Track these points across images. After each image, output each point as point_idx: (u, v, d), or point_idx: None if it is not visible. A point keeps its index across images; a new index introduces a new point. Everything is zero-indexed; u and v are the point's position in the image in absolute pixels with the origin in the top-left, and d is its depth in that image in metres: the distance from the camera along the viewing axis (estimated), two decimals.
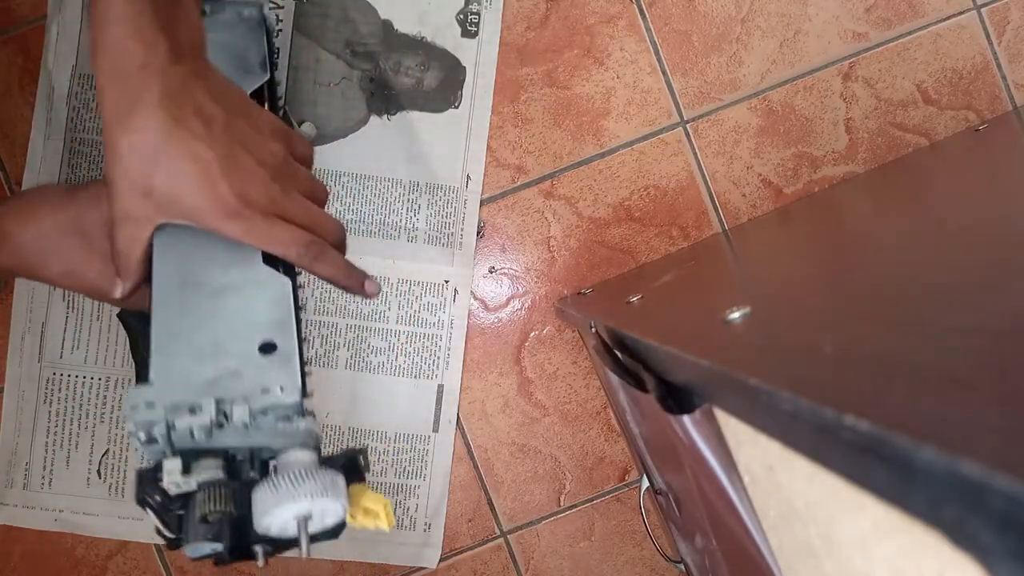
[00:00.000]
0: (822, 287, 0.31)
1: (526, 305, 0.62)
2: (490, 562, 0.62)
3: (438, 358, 0.61)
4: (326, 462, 0.36)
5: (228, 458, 0.35)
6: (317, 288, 0.59)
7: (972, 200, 0.36)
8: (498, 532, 0.62)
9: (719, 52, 0.62)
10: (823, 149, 0.62)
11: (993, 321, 0.18)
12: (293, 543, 0.37)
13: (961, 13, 0.62)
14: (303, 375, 0.37)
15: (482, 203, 0.61)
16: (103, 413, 0.59)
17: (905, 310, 0.22)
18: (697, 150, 0.62)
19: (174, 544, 0.36)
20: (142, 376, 0.37)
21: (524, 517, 0.62)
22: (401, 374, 0.60)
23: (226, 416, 0.35)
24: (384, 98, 0.60)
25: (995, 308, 0.19)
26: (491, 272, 0.62)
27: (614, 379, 0.47)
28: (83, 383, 0.59)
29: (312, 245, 0.39)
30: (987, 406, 0.13)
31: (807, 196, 0.62)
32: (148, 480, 0.34)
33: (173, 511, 0.35)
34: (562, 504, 0.62)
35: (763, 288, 0.36)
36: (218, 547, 0.35)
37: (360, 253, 0.59)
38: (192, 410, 0.34)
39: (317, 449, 0.37)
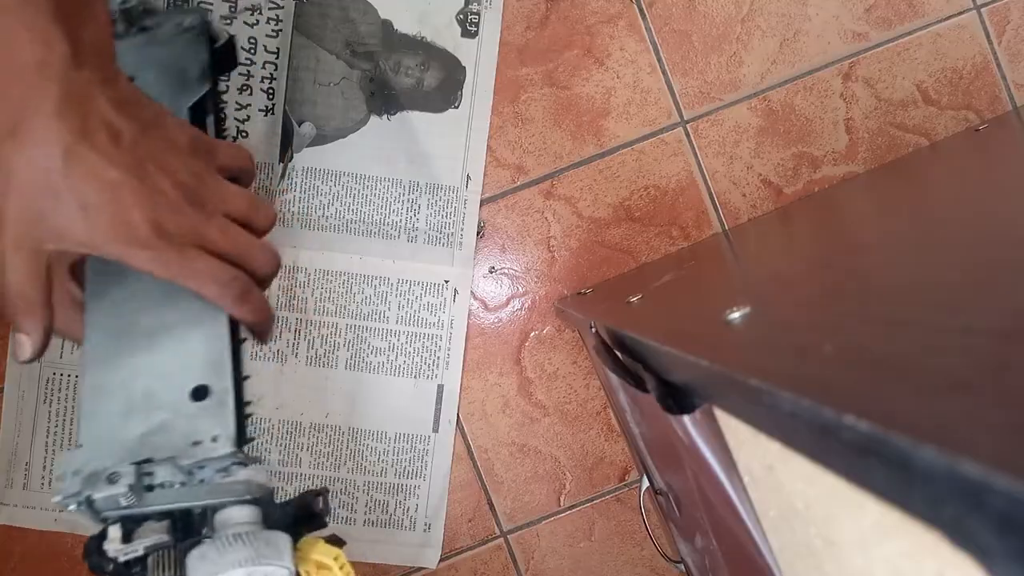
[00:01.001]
0: (822, 287, 0.31)
1: (526, 305, 0.62)
2: (490, 562, 0.62)
3: (438, 358, 0.61)
4: (279, 509, 0.33)
5: (178, 516, 0.32)
6: (317, 288, 0.59)
7: (972, 200, 0.36)
8: (498, 532, 0.62)
9: (719, 52, 0.62)
10: (823, 149, 0.62)
11: (993, 321, 0.18)
12: None
13: (961, 13, 0.62)
14: (241, 419, 0.34)
15: (482, 203, 0.61)
16: None
17: (905, 310, 0.22)
18: (697, 150, 0.62)
19: None
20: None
21: (524, 517, 0.62)
22: (401, 374, 0.60)
23: (150, 478, 0.32)
24: (384, 98, 0.60)
25: (995, 308, 0.19)
26: (491, 272, 0.62)
27: (614, 379, 0.47)
28: None
29: (234, 283, 0.33)
30: (987, 406, 0.13)
31: (807, 196, 0.62)
32: (94, 550, 0.31)
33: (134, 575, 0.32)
34: (562, 504, 0.62)
35: (763, 288, 0.36)
36: None
37: (360, 253, 0.59)
38: (111, 479, 0.32)
39: (266, 500, 0.33)
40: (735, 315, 0.27)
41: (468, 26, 0.61)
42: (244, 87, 0.59)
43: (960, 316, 0.19)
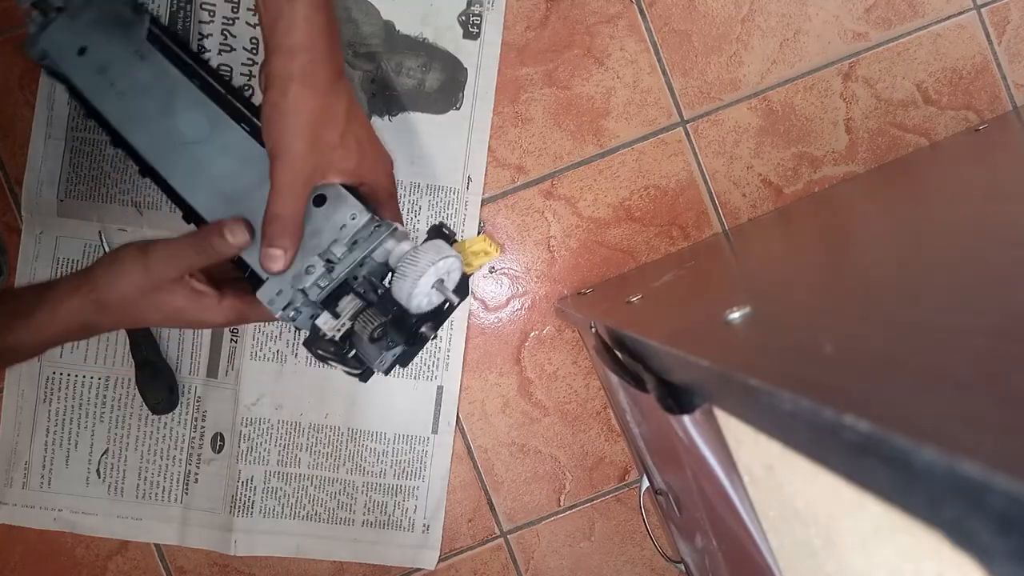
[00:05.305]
0: (822, 287, 0.31)
1: (526, 305, 0.62)
2: (490, 562, 0.62)
3: (438, 360, 0.61)
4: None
5: (360, 293, 0.42)
6: None
7: (972, 200, 0.36)
8: (498, 532, 0.62)
9: (719, 52, 0.62)
10: (823, 149, 0.62)
11: (993, 321, 0.18)
12: (442, 312, 0.44)
13: (961, 13, 0.62)
14: (361, 199, 0.44)
15: (482, 203, 0.61)
16: (102, 412, 0.59)
17: (905, 310, 0.22)
18: (697, 150, 0.62)
19: (366, 376, 0.44)
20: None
21: (524, 517, 0.62)
22: (400, 375, 0.60)
23: (331, 259, 0.42)
24: (386, 99, 0.60)
25: (994, 308, 0.19)
26: (491, 272, 0.62)
27: (614, 379, 0.47)
28: (82, 382, 0.59)
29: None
30: (987, 406, 0.13)
31: (807, 196, 0.62)
32: (314, 341, 0.41)
33: (347, 354, 0.42)
34: (562, 504, 0.62)
35: (763, 288, 0.36)
36: (396, 351, 0.43)
37: None
38: (308, 271, 0.41)
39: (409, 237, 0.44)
40: (735, 315, 0.27)
41: (470, 27, 0.61)
42: (246, 87, 0.59)
43: (960, 316, 0.19)
